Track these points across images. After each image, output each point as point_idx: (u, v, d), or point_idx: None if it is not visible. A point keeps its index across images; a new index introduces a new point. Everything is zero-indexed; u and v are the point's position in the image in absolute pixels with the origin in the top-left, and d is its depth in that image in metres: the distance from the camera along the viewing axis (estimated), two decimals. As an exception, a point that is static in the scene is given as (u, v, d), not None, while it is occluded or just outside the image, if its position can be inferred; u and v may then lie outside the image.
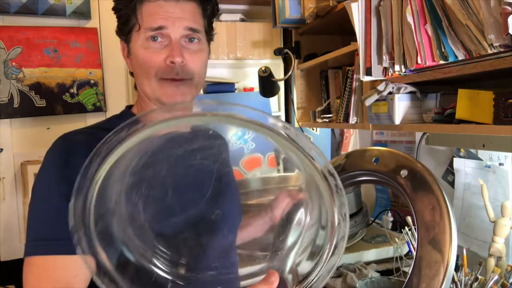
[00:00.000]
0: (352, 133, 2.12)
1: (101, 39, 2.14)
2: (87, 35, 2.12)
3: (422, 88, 1.13)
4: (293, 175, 2.07)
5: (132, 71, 0.89)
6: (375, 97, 1.19)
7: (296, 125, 1.91)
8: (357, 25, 1.18)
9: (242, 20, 2.29)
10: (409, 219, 1.28)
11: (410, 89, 1.12)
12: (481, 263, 1.08)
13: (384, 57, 1.11)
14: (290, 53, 1.79)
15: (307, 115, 1.87)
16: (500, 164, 1.25)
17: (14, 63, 2.01)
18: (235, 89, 2.34)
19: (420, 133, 1.56)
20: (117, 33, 0.88)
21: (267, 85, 1.83)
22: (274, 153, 2.33)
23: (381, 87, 1.15)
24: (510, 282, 1.03)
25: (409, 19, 0.97)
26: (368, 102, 1.22)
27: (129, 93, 2.18)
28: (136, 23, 0.81)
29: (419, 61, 0.96)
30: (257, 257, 0.91)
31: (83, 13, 2.10)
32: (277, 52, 1.81)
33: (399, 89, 1.13)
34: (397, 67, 1.06)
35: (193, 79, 0.84)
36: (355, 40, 1.21)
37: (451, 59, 0.89)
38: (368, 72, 1.17)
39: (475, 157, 1.33)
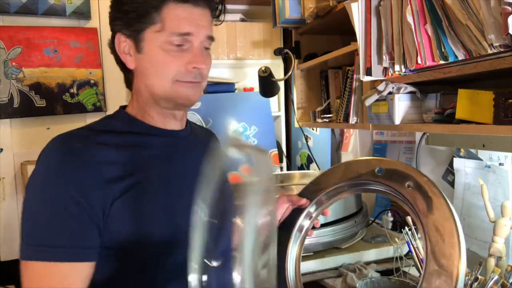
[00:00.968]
0: (352, 133, 2.12)
1: (101, 39, 2.14)
2: (87, 35, 2.13)
3: (422, 88, 1.13)
4: (296, 173, 2.08)
5: (133, 68, 0.85)
6: (375, 97, 1.19)
7: (296, 125, 1.91)
8: (357, 25, 1.18)
9: (242, 20, 2.29)
10: (409, 219, 1.27)
11: (410, 89, 1.12)
12: (481, 263, 1.08)
13: (384, 57, 1.11)
14: (290, 53, 1.79)
15: (307, 115, 1.87)
16: (500, 164, 1.25)
17: (14, 63, 2.01)
18: (235, 89, 2.35)
19: (420, 133, 1.56)
20: (117, 26, 0.82)
21: (267, 85, 1.83)
22: (277, 150, 2.33)
23: (381, 87, 1.15)
24: (510, 282, 1.03)
25: (409, 19, 0.97)
26: (368, 102, 1.22)
27: (129, 93, 2.18)
28: (157, 22, 0.79)
29: (419, 61, 0.96)
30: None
31: (83, 13, 2.10)
32: (277, 52, 1.81)
33: (399, 89, 1.13)
34: (397, 67, 1.06)
35: (203, 82, 0.86)
36: (355, 40, 1.21)
37: (451, 59, 0.89)
38: (368, 72, 1.17)
39: (475, 157, 1.33)
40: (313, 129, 2.25)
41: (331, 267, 1.41)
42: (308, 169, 2.29)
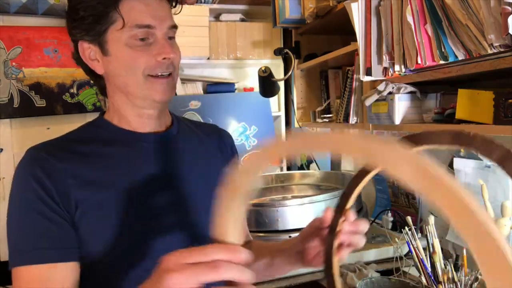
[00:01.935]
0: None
1: (101, 39, 2.14)
2: (87, 35, 2.12)
3: (422, 88, 1.13)
4: (296, 173, 2.07)
5: (102, 73, 0.84)
6: (375, 97, 1.19)
7: (296, 125, 1.91)
8: (357, 25, 1.18)
9: (242, 20, 2.29)
10: (409, 219, 1.27)
11: (410, 89, 1.12)
12: (481, 263, 1.07)
13: (384, 57, 1.11)
14: (290, 53, 1.79)
15: (307, 115, 1.87)
16: (500, 164, 1.25)
17: (14, 63, 2.01)
18: (235, 89, 2.35)
19: (420, 133, 1.55)
20: (77, 35, 0.82)
21: (267, 85, 1.83)
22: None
23: (381, 87, 1.15)
24: (510, 282, 1.03)
25: (409, 19, 0.97)
26: (368, 102, 1.22)
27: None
28: (117, 20, 0.77)
29: (419, 61, 0.96)
30: None
31: (83, 13, 2.10)
32: (277, 52, 1.81)
33: (399, 89, 1.13)
34: (397, 67, 1.06)
35: (175, 71, 0.84)
36: (355, 40, 1.21)
37: (451, 59, 0.89)
38: (368, 72, 1.17)
39: (475, 157, 1.33)
40: (313, 129, 2.25)
41: (331, 267, 1.41)
42: (308, 169, 2.29)
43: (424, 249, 1.17)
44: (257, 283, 1.32)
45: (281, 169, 2.38)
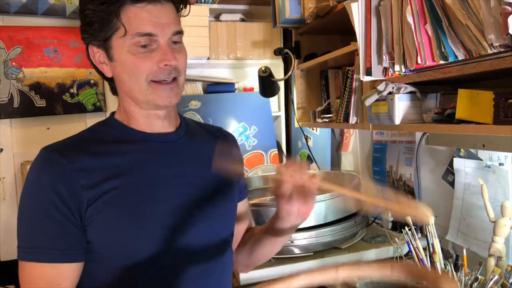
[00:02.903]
0: (352, 133, 2.12)
1: (101, 39, 2.14)
2: (87, 35, 2.12)
3: (422, 88, 1.13)
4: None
5: (111, 76, 0.87)
6: (375, 97, 1.19)
7: (296, 125, 1.91)
8: (357, 25, 1.18)
9: (242, 20, 2.29)
10: (409, 219, 1.27)
11: (410, 89, 1.12)
12: (481, 263, 1.08)
13: (384, 57, 1.11)
14: (290, 53, 1.79)
15: (307, 115, 1.87)
16: (500, 164, 1.25)
17: (14, 63, 2.01)
18: (235, 89, 2.35)
19: (420, 133, 1.55)
20: (86, 39, 0.84)
21: (267, 85, 1.82)
22: (277, 150, 2.33)
23: (381, 87, 1.15)
24: (510, 282, 1.03)
25: (409, 19, 0.96)
26: (368, 102, 1.22)
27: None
28: (119, 28, 0.79)
29: (419, 61, 0.96)
30: None
31: (83, 13, 2.10)
32: (277, 52, 1.81)
33: (399, 89, 1.13)
34: (397, 67, 1.06)
35: (181, 76, 0.85)
36: (355, 40, 1.21)
37: (451, 59, 0.89)
38: (368, 72, 1.17)
39: (475, 157, 1.33)
40: (313, 129, 2.25)
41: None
42: (308, 169, 2.28)
43: (424, 249, 1.17)
44: (257, 282, 1.32)
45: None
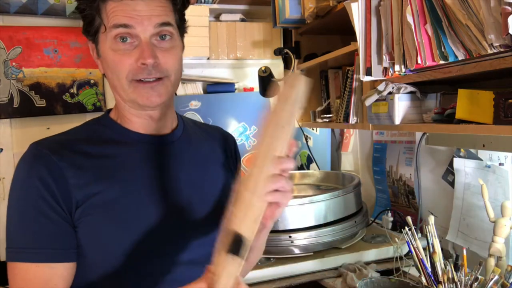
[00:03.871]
0: (352, 133, 2.12)
1: (101, 39, 2.14)
2: (87, 35, 2.12)
3: (422, 88, 1.13)
4: (296, 173, 2.07)
5: (103, 72, 0.85)
6: (375, 97, 1.19)
7: (296, 125, 1.91)
8: (357, 25, 1.18)
9: (242, 20, 2.28)
10: (409, 219, 1.27)
11: (410, 89, 1.12)
12: (481, 263, 1.08)
13: (384, 57, 1.11)
14: (290, 53, 1.79)
15: (307, 115, 1.87)
16: (500, 164, 1.25)
17: (14, 63, 2.01)
18: (235, 89, 2.34)
19: (420, 133, 1.55)
20: (84, 33, 0.83)
21: (267, 85, 1.82)
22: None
23: (381, 87, 1.15)
24: (510, 282, 1.03)
25: (409, 19, 0.96)
26: (368, 102, 1.22)
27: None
28: (101, 23, 0.77)
29: (419, 61, 0.96)
30: None
31: (83, 13, 2.10)
32: (277, 52, 1.81)
33: (399, 89, 1.13)
34: (397, 67, 1.06)
35: (169, 77, 0.80)
36: (355, 40, 1.21)
37: (451, 59, 0.89)
38: (368, 72, 1.17)
39: (475, 157, 1.33)
40: (313, 129, 2.25)
41: (331, 267, 1.41)
42: (308, 169, 2.29)
43: (424, 249, 1.17)
44: (257, 283, 1.32)
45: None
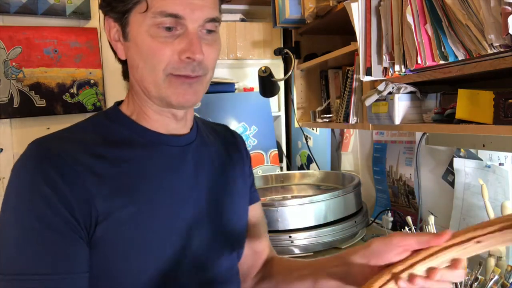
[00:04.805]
0: (352, 133, 2.12)
1: (101, 39, 2.14)
2: (87, 35, 2.12)
3: (422, 88, 1.13)
4: (296, 173, 2.07)
5: (124, 58, 0.72)
6: (375, 97, 1.19)
7: (296, 125, 1.91)
8: (357, 25, 1.18)
9: (242, 20, 2.29)
10: (409, 219, 1.27)
11: (410, 89, 1.12)
12: (481, 263, 1.08)
13: (384, 57, 1.11)
14: (290, 53, 1.79)
15: (307, 115, 1.87)
16: (500, 164, 1.25)
17: (14, 63, 2.01)
18: (235, 89, 2.35)
19: (420, 133, 1.56)
20: (104, 8, 0.69)
21: (267, 85, 1.82)
22: (277, 150, 2.33)
23: (381, 87, 1.15)
24: (510, 282, 1.03)
25: (409, 19, 0.96)
26: (368, 102, 1.22)
27: (129, 93, 2.18)
28: (141, 1, 0.64)
29: (419, 61, 0.96)
30: None
31: (83, 13, 2.10)
32: (277, 52, 1.81)
33: (399, 89, 1.13)
34: (397, 67, 1.06)
35: (207, 75, 0.72)
36: (355, 40, 1.21)
37: (451, 59, 0.89)
38: (368, 72, 1.17)
39: (475, 157, 1.33)
40: (313, 129, 2.25)
41: (331, 267, 1.41)
42: (308, 169, 2.29)
43: (424, 249, 1.17)
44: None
45: (281, 169, 2.38)
